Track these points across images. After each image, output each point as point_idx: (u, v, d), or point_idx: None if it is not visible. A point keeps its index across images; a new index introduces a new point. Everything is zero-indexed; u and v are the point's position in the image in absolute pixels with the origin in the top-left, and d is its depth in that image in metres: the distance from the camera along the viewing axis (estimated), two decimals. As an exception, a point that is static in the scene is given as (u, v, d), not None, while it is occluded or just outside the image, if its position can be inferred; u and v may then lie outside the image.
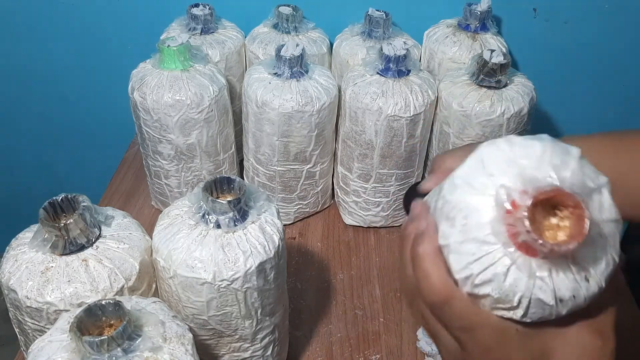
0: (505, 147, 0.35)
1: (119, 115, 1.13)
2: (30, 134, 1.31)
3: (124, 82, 0.82)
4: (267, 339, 0.63)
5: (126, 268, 0.55)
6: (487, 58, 0.79)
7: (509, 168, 0.34)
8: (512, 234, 0.32)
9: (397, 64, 0.80)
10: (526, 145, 0.35)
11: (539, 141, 0.35)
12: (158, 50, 0.78)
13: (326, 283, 0.84)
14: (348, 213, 0.93)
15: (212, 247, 0.55)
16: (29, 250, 0.54)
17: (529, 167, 0.34)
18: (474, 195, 0.34)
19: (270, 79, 0.81)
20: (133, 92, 0.79)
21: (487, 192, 0.34)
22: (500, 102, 0.79)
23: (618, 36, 1.04)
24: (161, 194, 0.91)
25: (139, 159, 0.97)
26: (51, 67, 1.18)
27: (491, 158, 0.35)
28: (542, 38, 1.05)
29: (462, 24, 0.95)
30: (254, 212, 0.57)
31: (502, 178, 0.34)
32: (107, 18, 1.09)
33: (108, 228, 0.57)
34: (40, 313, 0.53)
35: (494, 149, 0.35)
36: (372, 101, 0.79)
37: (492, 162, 0.35)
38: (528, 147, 0.35)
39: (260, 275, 0.56)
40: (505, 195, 0.33)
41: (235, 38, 0.95)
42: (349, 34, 0.96)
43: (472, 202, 0.34)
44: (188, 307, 0.57)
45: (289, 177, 0.88)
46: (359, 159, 0.86)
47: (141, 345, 0.44)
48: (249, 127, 0.85)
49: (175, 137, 0.81)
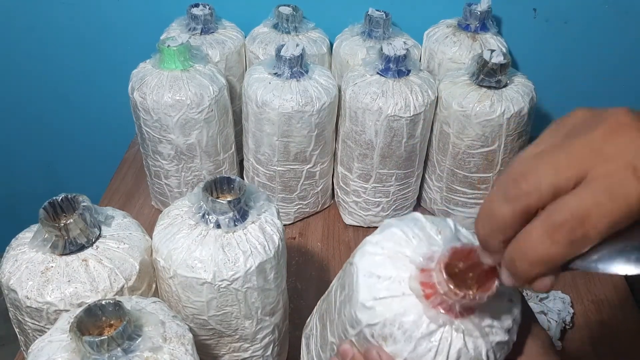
0: (372, 249, 0.36)
1: (119, 115, 1.13)
2: (30, 134, 1.31)
3: (124, 82, 0.82)
4: (267, 339, 0.63)
5: (126, 268, 0.55)
6: (487, 58, 0.79)
7: (398, 261, 0.35)
8: (444, 307, 0.34)
9: (397, 64, 0.80)
10: (388, 235, 0.36)
11: (390, 227, 0.37)
12: (158, 50, 0.78)
13: (326, 283, 0.84)
14: (348, 213, 0.93)
15: (212, 247, 0.55)
16: (29, 250, 0.54)
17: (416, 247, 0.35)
18: (391, 302, 0.35)
19: (270, 79, 0.81)
20: (133, 92, 0.79)
21: (399, 290, 0.35)
22: (500, 102, 0.79)
23: (618, 36, 1.04)
24: (161, 194, 0.91)
25: (139, 159, 0.97)
26: (51, 67, 1.18)
27: (374, 264, 0.36)
28: (542, 38, 1.05)
29: (462, 24, 0.95)
30: (254, 212, 0.57)
31: (401, 272, 0.35)
32: (107, 18, 1.09)
33: (108, 228, 0.57)
34: (40, 313, 0.53)
35: (369, 257, 0.36)
36: (372, 101, 0.79)
37: (378, 267, 0.36)
38: (388, 236, 0.36)
39: (260, 275, 0.56)
40: (416, 280, 0.34)
41: (235, 38, 0.95)
42: (349, 34, 0.96)
43: (394, 309, 0.34)
44: (188, 307, 0.57)
45: (289, 177, 0.88)
46: (359, 159, 0.86)
47: (141, 345, 0.44)
48: (249, 127, 0.85)
49: (175, 137, 0.81)
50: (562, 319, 0.76)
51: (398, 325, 0.34)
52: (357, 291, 0.36)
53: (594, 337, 0.77)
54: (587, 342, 0.76)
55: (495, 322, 0.35)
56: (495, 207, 0.29)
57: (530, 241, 0.28)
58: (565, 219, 0.27)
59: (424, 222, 0.37)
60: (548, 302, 0.78)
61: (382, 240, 0.37)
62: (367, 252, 0.36)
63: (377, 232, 0.38)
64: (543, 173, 0.28)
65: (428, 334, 0.34)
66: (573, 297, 0.81)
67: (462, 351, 0.34)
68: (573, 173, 0.27)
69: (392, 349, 0.35)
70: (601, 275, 0.32)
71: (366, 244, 0.37)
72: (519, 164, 0.29)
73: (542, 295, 0.79)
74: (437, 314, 0.34)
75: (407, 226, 0.37)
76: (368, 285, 0.35)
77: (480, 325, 0.34)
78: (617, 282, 0.85)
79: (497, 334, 0.35)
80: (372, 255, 0.36)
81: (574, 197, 0.27)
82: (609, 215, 0.26)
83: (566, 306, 0.78)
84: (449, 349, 0.34)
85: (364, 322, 0.35)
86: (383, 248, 0.36)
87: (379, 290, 0.35)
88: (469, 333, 0.34)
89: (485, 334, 0.34)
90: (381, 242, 0.36)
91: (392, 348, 0.35)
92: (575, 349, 0.75)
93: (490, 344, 0.35)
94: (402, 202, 0.92)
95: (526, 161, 0.29)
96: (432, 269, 0.33)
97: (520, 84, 0.82)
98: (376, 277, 0.35)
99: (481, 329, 0.34)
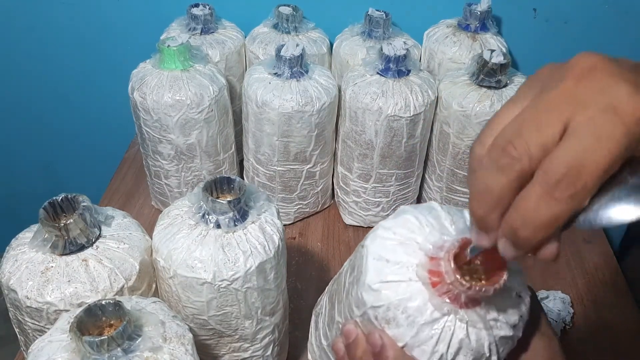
0: (384, 234, 0.37)
1: (119, 115, 1.13)
2: (30, 134, 1.31)
3: (124, 82, 0.82)
4: (267, 339, 0.63)
5: (126, 268, 0.55)
6: (487, 58, 0.79)
7: (409, 247, 0.35)
8: (450, 297, 0.34)
9: (397, 64, 0.80)
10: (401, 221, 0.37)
11: (405, 214, 0.37)
12: (158, 50, 0.78)
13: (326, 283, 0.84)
14: (348, 213, 0.93)
15: (212, 247, 0.55)
16: (29, 250, 0.54)
17: (428, 234, 0.36)
18: (397, 287, 0.35)
19: (270, 79, 0.81)
20: (133, 92, 0.79)
21: (406, 275, 0.35)
22: (500, 102, 0.79)
23: (618, 36, 1.04)
24: (161, 194, 0.91)
25: (139, 159, 0.97)
26: (51, 67, 1.18)
27: (385, 249, 0.36)
28: (542, 38, 1.05)
29: (462, 24, 0.95)
30: (254, 212, 0.57)
31: (410, 258, 0.35)
32: (107, 18, 1.09)
33: (108, 228, 0.57)
34: (40, 313, 0.53)
35: (380, 241, 0.36)
36: (372, 101, 0.79)
37: (388, 251, 0.36)
38: (401, 222, 0.37)
39: (260, 275, 0.56)
40: (424, 268, 0.34)
41: (235, 38, 0.95)
42: (349, 34, 0.96)
43: (400, 294, 0.34)
44: (188, 307, 0.57)
45: (289, 177, 0.88)
46: (359, 159, 0.86)
47: (141, 345, 0.44)
48: (249, 127, 0.85)
49: (175, 137, 0.81)
50: (562, 319, 0.76)
51: (402, 310, 0.34)
52: (365, 273, 0.36)
53: (594, 337, 0.77)
54: (587, 342, 0.76)
55: (501, 316, 0.35)
56: (489, 181, 0.29)
57: (530, 205, 0.28)
58: (562, 174, 0.26)
59: (439, 211, 0.37)
60: (548, 302, 0.78)
61: (394, 226, 0.37)
62: (378, 236, 0.37)
63: (392, 217, 0.38)
64: (528, 135, 0.28)
65: (431, 321, 0.34)
66: (573, 297, 0.81)
67: (464, 342, 0.34)
68: (556, 127, 0.27)
69: (394, 332, 0.35)
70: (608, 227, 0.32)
71: (379, 228, 0.38)
72: (501, 132, 0.29)
73: (542, 295, 0.79)
74: (442, 303, 0.34)
75: (422, 214, 0.37)
76: (376, 268, 0.35)
77: (485, 317, 0.34)
78: (617, 282, 0.85)
79: (501, 328, 0.35)
80: (383, 239, 0.36)
81: (564, 151, 0.27)
82: (602, 161, 0.26)
83: (566, 306, 0.78)
84: (451, 338, 0.34)
85: (369, 303, 0.35)
86: (395, 233, 0.36)
87: (386, 274, 0.35)
88: (473, 324, 0.34)
89: (489, 327, 0.34)
90: (394, 228, 0.37)
91: (395, 332, 0.35)
92: (575, 349, 0.75)
93: (494, 337, 0.35)
94: (402, 202, 0.92)
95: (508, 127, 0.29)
96: (441, 258, 0.34)
97: (520, 84, 0.82)
98: (385, 260, 0.35)
99: (486, 321, 0.34)
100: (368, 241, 0.37)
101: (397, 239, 0.36)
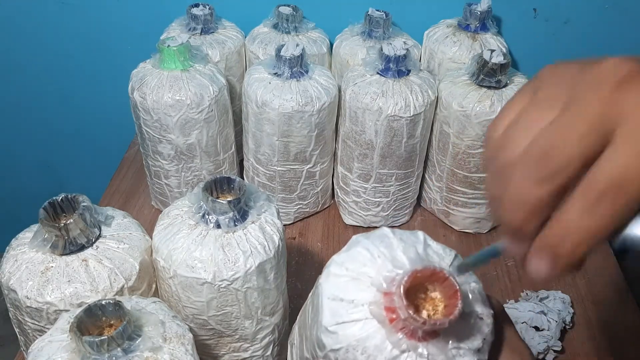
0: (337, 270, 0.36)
1: (119, 115, 1.13)
2: (30, 134, 1.31)
3: (124, 82, 0.82)
4: (267, 339, 0.63)
5: (126, 268, 0.55)
6: (487, 58, 0.79)
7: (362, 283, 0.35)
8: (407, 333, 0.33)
9: (397, 64, 0.80)
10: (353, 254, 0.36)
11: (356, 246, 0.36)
12: (158, 50, 0.78)
13: (326, 283, 0.84)
14: (348, 213, 0.93)
15: (212, 247, 0.55)
16: (29, 250, 0.54)
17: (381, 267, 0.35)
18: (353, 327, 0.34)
19: (270, 79, 0.81)
20: (133, 92, 0.79)
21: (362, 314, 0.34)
22: (500, 102, 0.79)
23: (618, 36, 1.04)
24: (161, 194, 0.91)
25: (139, 159, 0.97)
26: (51, 67, 1.18)
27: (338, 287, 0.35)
28: (542, 38, 1.05)
29: (462, 24, 0.95)
30: (254, 212, 0.57)
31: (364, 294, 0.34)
32: (107, 18, 1.09)
33: (108, 228, 0.57)
34: (40, 313, 0.53)
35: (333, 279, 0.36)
36: (372, 101, 0.79)
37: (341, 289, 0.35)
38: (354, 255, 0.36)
39: (260, 275, 0.56)
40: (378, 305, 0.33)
41: (235, 38, 0.95)
42: (349, 34, 0.96)
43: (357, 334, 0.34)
44: (188, 307, 0.57)
45: (289, 177, 0.88)
46: (359, 159, 0.86)
47: (141, 345, 0.44)
48: (249, 127, 0.85)
49: (175, 137, 0.81)
50: (562, 319, 0.76)
51: (361, 351, 0.33)
52: (321, 313, 0.35)
53: (594, 337, 0.77)
54: (587, 342, 0.76)
55: (462, 344, 0.34)
56: (527, 191, 0.28)
57: (572, 220, 0.26)
58: (605, 188, 0.25)
59: (391, 239, 0.36)
60: (548, 302, 0.78)
61: (346, 261, 0.36)
62: (331, 274, 0.36)
63: (344, 250, 0.37)
64: (569, 145, 0.26)
65: (391, 359, 0.33)
66: (573, 297, 0.81)
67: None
68: (598, 138, 0.26)
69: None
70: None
71: (332, 263, 0.36)
72: (537, 139, 0.28)
73: (542, 295, 0.79)
74: (400, 339, 0.33)
75: (374, 244, 0.36)
76: (331, 309, 0.35)
77: (446, 348, 0.33)
78: (617, 282, 0.85)
79: (465, 355, 0.34)
80: (336, 276, 0.35)
81: (607, 163, 0.26)
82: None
83: (566, 306, 0.78)
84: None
85: (328, 346, 0.35)
86: (347, 269, 0.35)
87: (341, 314, 0.34)
88: (433, 358, 0.33)
89: (451, 357, 0.33)
90: (346, 263, 0.36)
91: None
92: (575, 349, 0.75)
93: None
94: (402, 202, 0.92)
95: (544, 134, 0.28)
96: (394, 293, 0.33)
97: (520, 84, 0.82)
98: (339, 300, 0.35)
99: (447, 352, 0.33)
100: (322, 279, 0.36)
101: (349, 275, 0.35)
